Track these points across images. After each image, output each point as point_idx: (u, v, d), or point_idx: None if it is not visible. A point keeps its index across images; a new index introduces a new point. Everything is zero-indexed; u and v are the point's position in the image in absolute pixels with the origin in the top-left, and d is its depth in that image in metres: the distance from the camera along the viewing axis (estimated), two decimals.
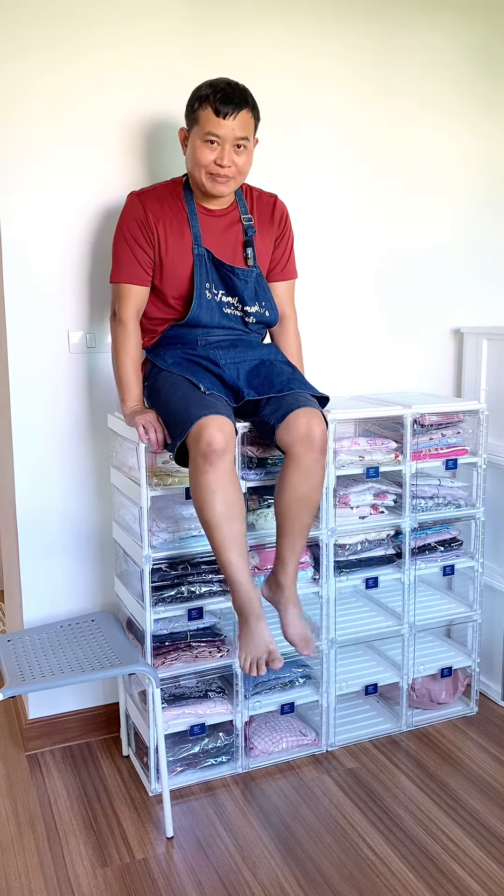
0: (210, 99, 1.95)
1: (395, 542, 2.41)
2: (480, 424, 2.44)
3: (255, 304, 2.15)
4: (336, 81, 2.50)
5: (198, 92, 1.99)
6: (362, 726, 2.45)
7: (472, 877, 1.86)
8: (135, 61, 2.24)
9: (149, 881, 1.86)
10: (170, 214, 2.07)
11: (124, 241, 2.07)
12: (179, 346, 2.13)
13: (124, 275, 2.08)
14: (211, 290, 2.09)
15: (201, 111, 1.97)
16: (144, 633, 2.11)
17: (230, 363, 2.11)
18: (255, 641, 1.94)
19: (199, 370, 2.08)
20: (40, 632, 2.19)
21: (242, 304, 2.13)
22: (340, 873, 1.87)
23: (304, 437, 1.95)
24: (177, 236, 2.07)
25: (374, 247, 2.65)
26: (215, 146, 1.98)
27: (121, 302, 2.10)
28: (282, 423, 1.98)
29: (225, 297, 2.12)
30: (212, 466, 1.86)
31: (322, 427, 1.97)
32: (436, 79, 2.64)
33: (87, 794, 2.18)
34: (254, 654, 1.95)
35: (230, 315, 2.13)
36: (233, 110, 1.95)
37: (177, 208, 2.08)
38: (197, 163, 2.00)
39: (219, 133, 1.96)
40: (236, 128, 1.97)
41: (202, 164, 1.99)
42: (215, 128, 1.96)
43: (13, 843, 1.99)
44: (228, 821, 2.06)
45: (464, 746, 2.38)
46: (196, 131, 2.00)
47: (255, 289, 2.14)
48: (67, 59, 2.17)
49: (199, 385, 1.98)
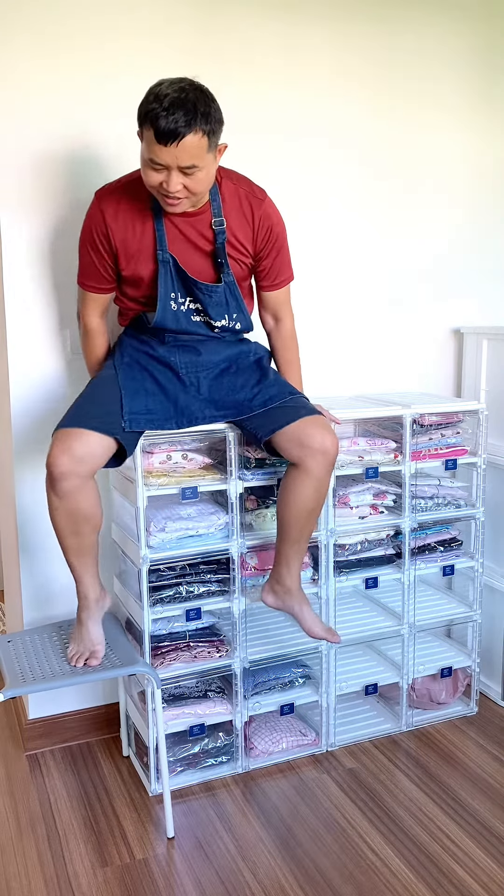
0: (153, 119, 1.68)
1: (395, 542, 2.41)
2: (480, 424, 2.44)
3: (223, 319, 2.01)
4: (336, 83, 2.50)
5: (145, 102, 1.72)
6: (362, 726, 2.45)
7: (472, 877, 1.86)
8: (135, 67, 2.24)
9: (149, 881, 1.86)
10: (131, 217, 1.90)
11: (86, 248, 1.96)
12: (145, 335, 2.06)
13: (85, 282, 2.01)
14: (177, 300, 1.97)
15: (144, 130, 1.73)
16: (143, 633, 2.11)
17: (191, 371, 2.04)
18: (84, 639, 2.03)
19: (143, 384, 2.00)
20: (40, 632, 2.19)
21: (208, 317, 2.00)
22: (340, 873, 1.87)
23: (319, 452, 1.94)
24: (138, 241, 1.92)
25: (375, 247, 2.64)
26: (160, 171, 1.75)
27: (84, 305, 2.06)
28: (280, 433, 1.95)
29: (193, 305, 2.00)
30: (53, 488, 1.87)
31: (334, 438, 1.96)
32: (437, 79, 2.64)
33: (87, 794, 2.18)
34: (80, 649, 2.03)
35: (198, 322, 2.02)
36: (175, 138, 1.68)
37: (141, 209, 1.91)
38: (145, 182, 1.80)
39: (160, 161, 1.73)
40: (181, 156, 1.71)
41: (149, 184, 1.80)
42: (157, 155, 1.72)
43: (13, 843, 1.99)
44: (228, 821, 2.07)
45: (464, 746, 2.38)
46: (143, 149, 1.77)
47: (225, 300, 1.99)
48: (67, 54, 2.17)
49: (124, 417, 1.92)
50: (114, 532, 2.35)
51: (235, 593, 2.18)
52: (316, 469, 1.95)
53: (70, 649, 2.05)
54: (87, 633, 2.04)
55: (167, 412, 2.01)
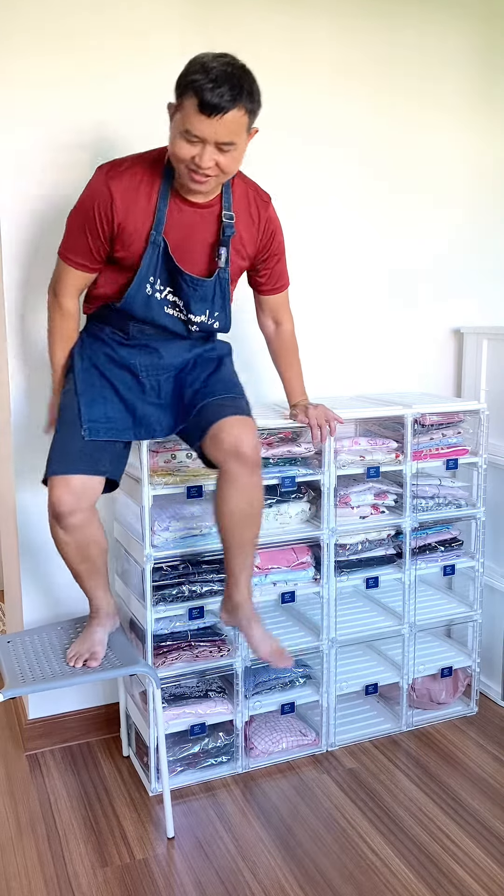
0: (199, 92, 1.64)
1: (396, 541, 2.41)
2: (481, 424, 2.44)
3: (203, 314, 1.93)
4: (336, 83, 2.50)
5: (189, 72, 1.67)
6: (362, 726, 2.45)
7: (472, 877, 1.86)
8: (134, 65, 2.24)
9: (149, 881, 1.86)
10: (137, 199, 1.81)
11: (80, 223, 1.84)
12: (110, 326, 1.96)
13: (71, 257, 1.88)
14: (154, 285, 1.87)
15: (186, 99, 1.66)
16: (145, 632, 2.11)
17: (151, 374, 1.96)
18: (87, 640, 2.05)
19: (101, 392, 1.93)
20: (40, 632, 2.19)
21: (187, 310, 1.91)
22: (340, 873, 1.87)
23: (233, 452, 1.83)
24: (139, 223, 1.82)
25: (375, 247, 2.64)
26: (195, 143, 1.70)
27: (62, 282, 1.92)
28: (206, 436, 1.86)
29: (171, 297, 1.90)
30: (59, 524, 1.88)
31: (252, 438, 1.84)
32: (437, 78, 2.64)
33: (87, 794, 2.18)
34: (80, 649, 2.03)
35: (171, 316, 1.92)
36: (220, 111, 1.65)
37: (148, 190, 1.82)
38: (174, 155, 1.74)
39: (198, 134, 1.68)
40: (220, 131, 1.68)
41: (179, 158, 1.73)
42: (195, 126, 1.67)
43: (13, 843, 1.99)
44: (228, 821, 2.06)
45: (464, 746, 2.38)
46: (177, 119, 1.70)
47: (212, 296, 1.92)
48: (67, 52, 2.17)
49: (83, 425, 1.88)
50: (116, 531, 2.35)
51: None
52: (234, 471, 1.84)
53: (70, 650, 2.05)
54: (91, 636, 2.05)
55: (126, 421, 1.94)
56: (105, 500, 2.37)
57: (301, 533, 2.26)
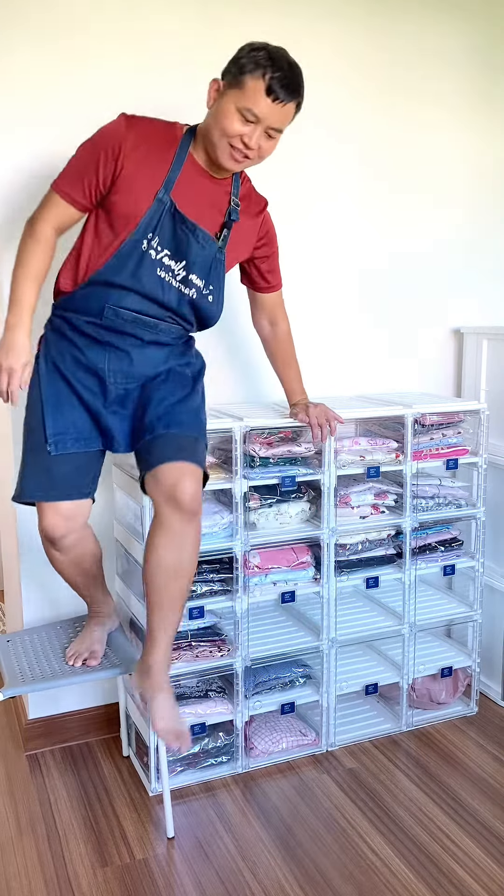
0: (268, 75, 1.70)
1: (396, 541, 2.41)
2: (481, 424, 2.44)
3: (202, 279, 1.85)
4: (336, 81, 2.50)
5: (254, 55, 1.71)
6: (362, 726, 2.45)
7: (472, 877, 1.86)
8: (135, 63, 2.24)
9: (149, 881, 1.86)
10: (151, 152, 1.77)
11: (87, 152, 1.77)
12: (83, 315, 1.83)
13: (64, 187, 1.78)
14: (151, 242, 1.78)
15: (251, 80, 1.70)
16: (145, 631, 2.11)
17: (119, 382, 1.86)
18: (86, 639, 2.06)
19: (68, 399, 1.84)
20: (40, 632, 2.19)
21: (188, 270, 1.82)
22: (340, 873, 1.87)
23: (170, 497, 1.75)
24: (146, 177, 1.76)
25: (375, 247, 2.64)
26: (249, 123, 1.73)
27: (44, 213, 1.80)
28: (150, 471, 1.79)
29: (168, 260, 1.80)
30: (54, 546, 1.90)
31: (194, 487, 1.76)
32: (437, 78, 2.64)
33: (87, 794, 2.18)
34: (79, 649, 2.04)
35: (162, 280, 1.80)
36: (286, 99, 1.73)
37: (164, 149, 1.79)
38: (223, 129, 1.74)
39: (259, 114, 1.72)
40: (278, 117, 1.74)
41: (228, 133, 1.74)
42: (258, 107, 1.71)
43: (13, 843, 1.99)
44: (228, 821, 2.06)
45: (464, 746, 2.38)
46: (234, 96, 1.72)
47: (210, 265, 1.86)
48: (66, 52, 2.17)
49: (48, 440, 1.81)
50: (116, 531, 2.35)
51: (238, 592, 2.18)
52: (168, 518, 1.77)
53: (69, 649, 2.04)
54: (90, 635, 2.06)
55: (91, 431, 1.87)
56: (105, 500, 2.37)
57: (301, 533, 2.26)
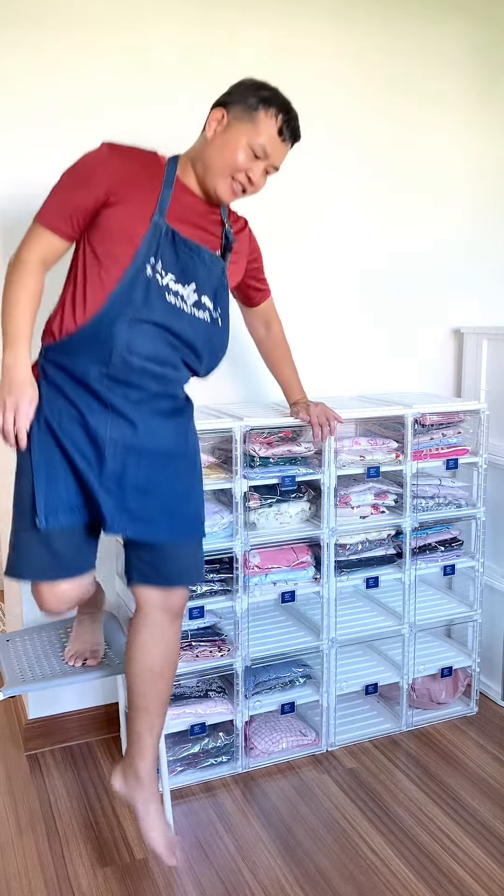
0: (281, 116, 1.72)
1: (396, 541, 2.41)
2: (481, 424, 2.44)
3: (211, 299, 1.77)
4: (336, 82, 2.50)
5: (264, 94, 1.72)
6: (362, 726, 2.45)
7: (472, 877, 1.86)
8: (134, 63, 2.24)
9: (149, 881, 1.85)
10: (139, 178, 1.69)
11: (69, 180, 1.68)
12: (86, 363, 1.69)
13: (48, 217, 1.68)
14: (156, 267, 1.67)
15: (264, 117, 1.71)
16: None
17: (119, 453, 1.70)
18: (84, 639, 2.04)
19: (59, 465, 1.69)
20: (40, 632, 2.19)
21: (199, 292, 1.74)
22: (340, 873, 1.87)
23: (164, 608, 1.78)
24: (137, 200, 1.68)
25: (375, 247, 2.64)
26: (258, 160, 1.73)
27: (30, 242, 1.69)
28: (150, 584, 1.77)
29: (175, 284, 1.70)
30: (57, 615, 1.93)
31: (184, 596, 1.80)
32: (437, 78, 2.64)
33: (87, 794, 2.18)
34: (79, 648, 2.02)
35: (176, 309, 1.71)
36: (294, 141, 1.78)
37: (149, 175, 1.71)
38: (229, 162, 1.71)
39: (270, 153, 1.73)
40: (281, 156, 1.77)
41: (234, 166, 1.71)
42: (270, 145, 1.72)
43: (13, 843, 1.99)
44: (228, 821, 2.06)
45: (464, 746, 2.38)
46: (246, 131, 1.71)
47: (216, 289, 1.79)
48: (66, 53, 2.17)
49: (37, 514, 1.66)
50: None
51: (238, 592, 2.18)
52: (157, 619, 1.78)
53: (68, 649, 2.04)
54: (87, 632, 2.04)
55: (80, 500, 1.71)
56: None
57: (301, 532, 2.26)
